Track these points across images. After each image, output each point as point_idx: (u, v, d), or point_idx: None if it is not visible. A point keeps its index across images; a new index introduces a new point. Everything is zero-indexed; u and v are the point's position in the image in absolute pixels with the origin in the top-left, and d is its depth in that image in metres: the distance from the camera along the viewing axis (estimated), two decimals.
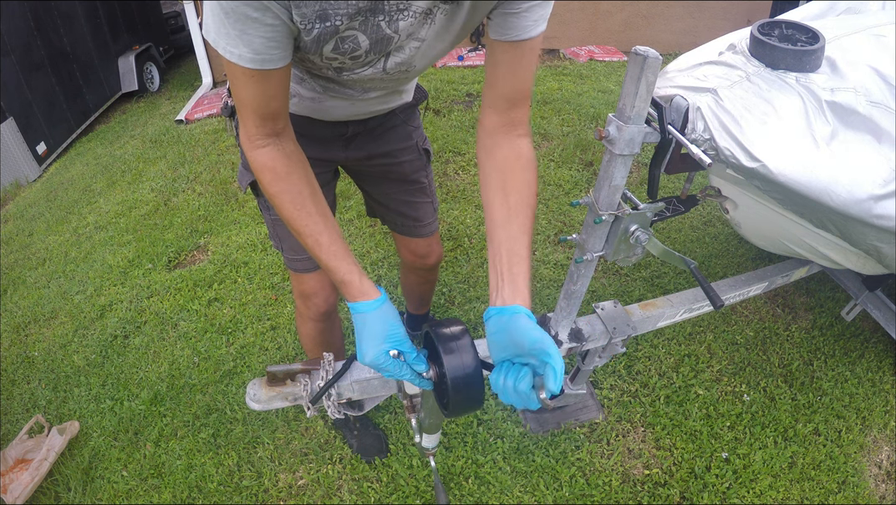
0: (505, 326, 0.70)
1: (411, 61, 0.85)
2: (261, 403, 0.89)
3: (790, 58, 1.09)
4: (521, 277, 0.75)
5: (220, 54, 0.68)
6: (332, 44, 0.73)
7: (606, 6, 5.52)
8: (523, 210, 0.81)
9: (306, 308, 1.29)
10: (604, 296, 2.15)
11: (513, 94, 0.83)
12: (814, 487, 1.52)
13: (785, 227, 1.35)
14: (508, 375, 0.69)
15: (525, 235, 0.79)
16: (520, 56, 0.79)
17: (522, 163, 0.84)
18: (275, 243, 1.24)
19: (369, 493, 1.52)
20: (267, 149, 0.79)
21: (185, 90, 5.78)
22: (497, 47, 0.79)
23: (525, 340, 0.67)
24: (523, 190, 0.82)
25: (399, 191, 1.30)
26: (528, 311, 0.72)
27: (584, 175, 3.00)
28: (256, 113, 0.75)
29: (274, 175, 0.80)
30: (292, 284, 1.31)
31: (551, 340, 0.67)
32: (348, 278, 0.80)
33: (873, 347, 1.91)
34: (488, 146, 0.86)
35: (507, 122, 0.84)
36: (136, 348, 2.11)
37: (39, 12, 4.66)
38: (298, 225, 0.80)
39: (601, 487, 1.51)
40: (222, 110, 1.12)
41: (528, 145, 0.86)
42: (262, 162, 0.80)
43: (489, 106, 0.85)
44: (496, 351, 0.72)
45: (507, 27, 0.76)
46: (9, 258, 3.06)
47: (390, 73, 0.87)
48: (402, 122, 1.21)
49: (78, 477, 1.66)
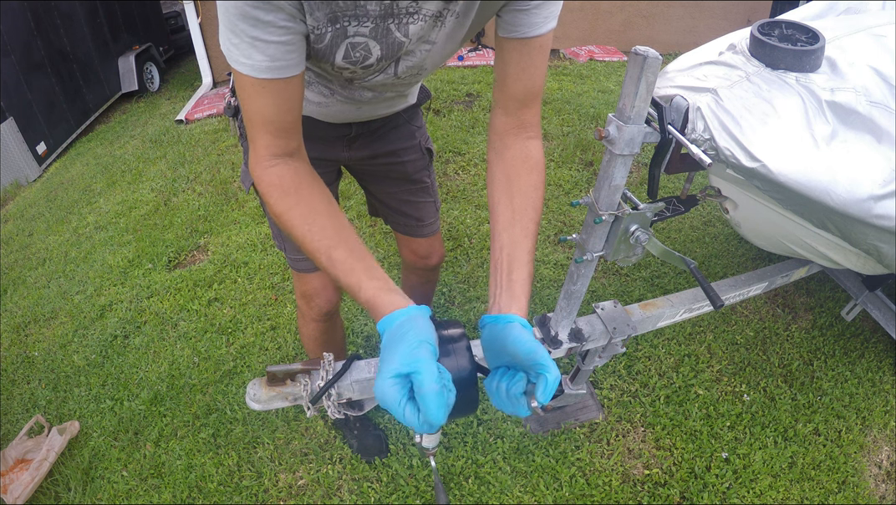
0: (499, 335, 0.69)
1: (422, 64, 0.85)
2: (261, 403, 0.89)
3: (790, 58, 1.09)
4: (519, 284, 0.75)
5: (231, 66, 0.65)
6: (343, 51, 0.72)
7: (606, 6, 5.52)
8: (527, 213, 0.80)
9: (309, 308, 1.28)
10: (604, 296, 2.15)
11: (523, 94, 0.81)
12: (814, 487, 1.52)
13: (785, 227, 1.35)
14: (502, 380, 0.69)
15: (527, 239, 0.78)
16: (529, 54, 0.78)
17: (530, 165, 0.83)
18: (277, 243, 1.24)
19: (369, 493, 1.52)
20: (276, 168, 0.72)
21: (185, 90, 5.78)
22: (506, 45, 0.78)
23: (519, 351, 0.66)
24: (529, 192, 0.81)
25: (401, 190, 1.30)
26: (523, 320, 0.70)
27: (584, 175, 3.00)
28: (269, 129, 0.70)
29: (281, 192, 0.72)
30: (294, 285, 1.31)
31: (545, 351, 0.66)
32: (371, 296, 0.67)
33: (873, 347, 1.91)
34: (498, 147, 0.85)
35: (518, 124, 0.84)
36: (136, 348, 2.11)
37: (39, 12, 4.66)
38: (310, 244, 0.71)
39: (601, 487, 1.51)
40: (225, 110, 1.12)
41: (538, 148, 0.85)
42: (269, 180, 0.72)
43: (499, 107, 0.84)
44: (491, 358, 0.72)
45: (517, 24, 0.75)
46: (9, 258, 3.06)
47: (402, 77, 0.86)
48: (406, 121, 1.21)
49: (78, 477, 1.66)
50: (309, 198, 0.73)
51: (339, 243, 0.70)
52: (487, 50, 5.31)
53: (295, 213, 0.71)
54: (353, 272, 0.68)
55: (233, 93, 1.09)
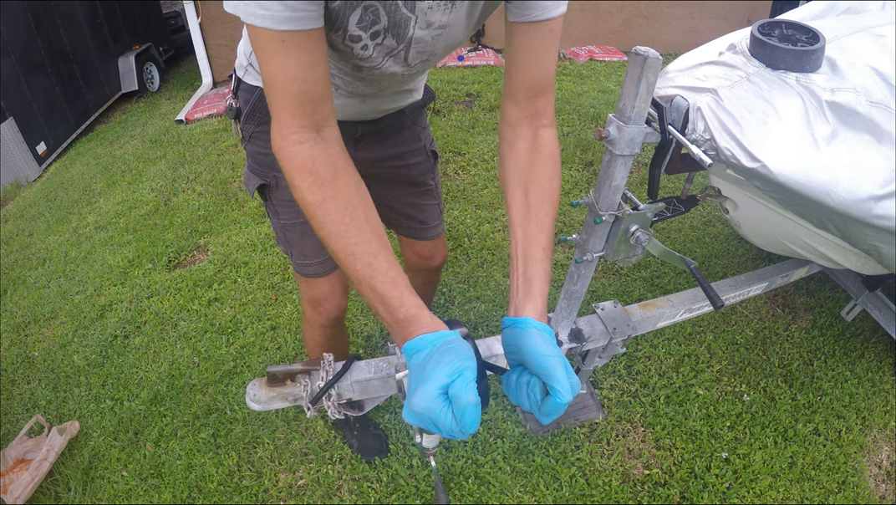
0: (516, 340, 0.68)
1: (433, 50, 0.82)
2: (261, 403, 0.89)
3: (790, 58, 1.09)
4: (536, 282, 0.73)
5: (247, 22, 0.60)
6: (359, 14, 0.69)
7: (606, 6, 5.52)
8: (543, 206, 0.78)
9: (317, 314, 1.26)
10: (604, 296, 2.15)
11: (535, 83, 0.79)
12: (814, 487, 1.52)
13: (785, 227, 1.35)
14: (521, 377, 0.68)
15: (543, 233, 0.76)
16: (540, 38, 0.76)
17: (544, 154, 0.80)
18: (283, 248, 1.20)
19: (369, 493, 1.52)
20: (305, 146, 0.65)
21: (185, 90, 5.78)
22: (516, 30, 0.76)
23: (532, 362, 0.65)
24: (544, 183, 0.79)
25: (406, 194, 1.28)
26: (539, 323, 0.69)
27: (584, 175, 3.00)
28: (292, 95, 0.63)
29: (315, 179, 0.65)
30: (301, 290, 1.27)
31: (561, 369, 0.63)
32: (414, 312, 0.64)
33: (873, 347, 1.91)
34: (510, 139, 0.82)
35: (531, 113, 0.81)
36: (136, 348, 2.11)
37: (39, 12, 4.66)
38: (345, 244, 0.65)
39: (601, 487, 1.51)
40: (227, 111, 1.10)
41: (552, 136, 0.82)
42: (300, 162, 0.65)
43: (510, 97, 0.81)
44: (510, 359, 0.71)
45: (527, 7, 0.73)
46: (9, 258, 3.06)
47: (412, 64, 0.84)
48: (412, 122, 1.20)
49: (78, 477, 1.66)
50: (345, 189, 0.66)
51: (380, 250, 0.66)
52: (487, 50, 5.31)
53: (330, 208, 0.65)
54: (395, 285, 0.65)
55: (234, 94, 1.08)
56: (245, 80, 1.05)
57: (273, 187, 1.11)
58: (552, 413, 0.64)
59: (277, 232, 1.19)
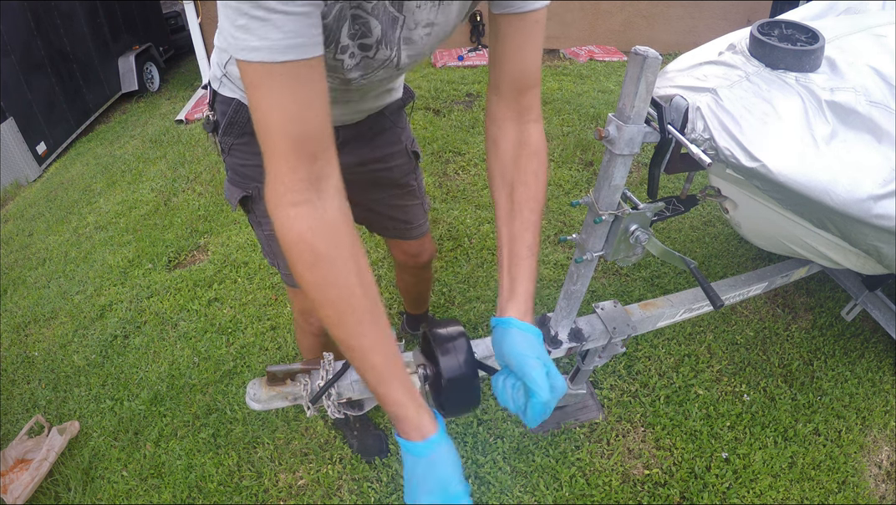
0: (500, 340, 0.69)
1: (422, 50, 0.80)
2: (261, 402, 0.89)
3: (790, 58, 1.09)
4: (520, 281, 0.73)
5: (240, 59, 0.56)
6: (347, 26, 0.67)
7: (606, 6, 5.51)
8: (528, 204, 0.77)
9: (308, 324, 1.25)
10: (604, 296, 2.15)
11: (520, 77, 0.77)
12: (814, 487, 1.52)
13: (785, 226, 1.35)
14: (507, 379, 0.69)
15: (528, 232, 0.76)
16: (525, 30, 0.74)
17: (530, 151, 0.79)
18: (269, 260, 1.18)
19: (369, 493, 1.52)
20: (302, 210, 0.59)
21: (185, 90, 5.78)
22: (501, 22, 0.74)
23: (512, 362, 0.65)
24: (529, 181, 0.78)
25: (389, 196, 1.27)
26: (522, 323, 0.69)
27: (584, 175, 3.00)
28: (290, 138, 0.57)
29: (313, 256, 0.60)
30: (291, 300, 1.26)
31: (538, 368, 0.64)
32: (402, 413, 0.64)
33: (873, 347, 1.91)
34: (495, 136, 0.81)
35: (516, 109, 0.80)
36: (136, 348, 2.11)
37: (39, 12, 4.66)
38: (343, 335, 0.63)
39: (601, 487, 1.51)
40: (204, 125, 1.05)
41: (538, 131, 0.81)
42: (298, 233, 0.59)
43: (495, 93, 0.80)
44: (499, 360, 0.72)
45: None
46: (9, 258, 3.06)
47: (402, 67, 0.83)
48: (392, 124, 1.18)
49: (78, 477, 1.66)
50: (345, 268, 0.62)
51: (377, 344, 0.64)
52: (487, 50, 5.31)
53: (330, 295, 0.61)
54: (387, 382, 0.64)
55: (210, 107, 1.05)
56: (220, 93, 1.01)
57: (255, 199, 1.07)
58: (535, 416, 0.64)
59: (263, 243, 1.16)
